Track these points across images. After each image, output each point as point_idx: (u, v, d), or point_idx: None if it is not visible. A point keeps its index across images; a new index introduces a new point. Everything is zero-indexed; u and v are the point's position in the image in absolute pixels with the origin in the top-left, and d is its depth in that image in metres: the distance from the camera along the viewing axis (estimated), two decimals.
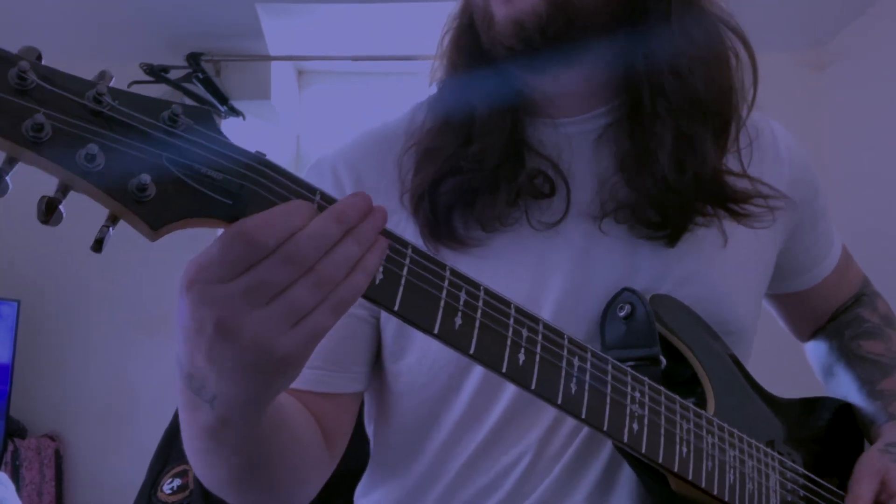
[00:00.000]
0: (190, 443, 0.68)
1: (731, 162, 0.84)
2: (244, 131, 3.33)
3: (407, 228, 0.83)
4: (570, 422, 0.80)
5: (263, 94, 3.27)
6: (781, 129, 0.96)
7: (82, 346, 3.27)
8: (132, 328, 3.26)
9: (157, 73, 3.06)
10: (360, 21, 3.12)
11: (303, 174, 0.90)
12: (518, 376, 0.65)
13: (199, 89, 3.14)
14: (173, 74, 3.11)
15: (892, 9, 2.85)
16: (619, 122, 0.85)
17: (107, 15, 3.00)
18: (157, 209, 0.51)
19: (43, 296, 3.20)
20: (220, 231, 0.54)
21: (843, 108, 3.15)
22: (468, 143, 0.82)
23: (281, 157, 3.58)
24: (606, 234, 0.82)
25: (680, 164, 0.80)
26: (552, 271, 0.82)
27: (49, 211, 0.50)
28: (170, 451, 2.37)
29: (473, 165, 0.81)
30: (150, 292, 3.20)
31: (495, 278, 0.81)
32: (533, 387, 0.65)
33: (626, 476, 0.80)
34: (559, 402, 0.66)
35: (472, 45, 0.84)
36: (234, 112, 3.27)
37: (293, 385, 0.60)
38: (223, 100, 3.21)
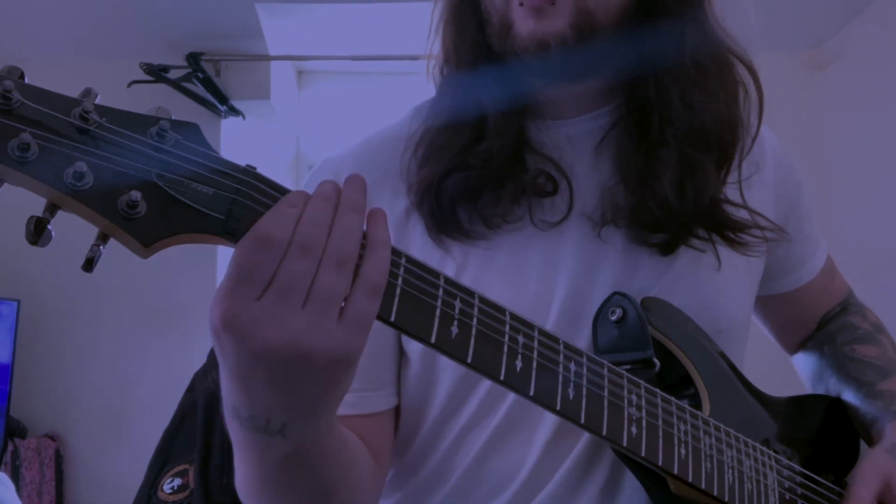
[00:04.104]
0: (260, 490, 0.68)
1: (731, 191, 0.85)
2: (244, 131, 3.34)
3: (417, 226, 0.83)
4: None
5: (263, 94, 3.28)
6: (767, 131, 0.97)
7: (82, 346, 3.27)
8: (132, 328, 3.26)
9: (157, 72, 3.06)
10: (360, 21, 3.12)
11: (305, 178, 0.91)
12: (516, 383, 0.64)
13: (198, 89, 3.15)
14: (173, 74, 3.11)
15: (890, 8, 2.85)
16: (620, 125, 0.86)
17: (107, 15, 3.00)
18: (147, 226, 0.51)
19: (43, 296, 3.20)
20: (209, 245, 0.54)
21: (842, 108, 3.15)
22: (476, 141, 0.82)
23: (281, 156, 3.59)
24: (605, 237, 0.83)
25: (681, 189, 0.81)
26: (559, 270, 0.82)
27: (38, 231, 0.49)
28: (170, 450, 2.37)
29: (481, 163, 0.81)
30: (151, 292, 3.20)
31: (504, 275, 0.81)
32: (531, 393, 0.65)
33: (632, 477, 0.80)
34: (558, 407, 0.66)
35: (475, 33, 0.84)
36: (234, 112, 3.27)
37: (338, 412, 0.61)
38: (223, 100, 3.21)
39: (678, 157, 0.82)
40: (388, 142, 0.88)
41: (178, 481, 2.40)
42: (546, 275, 0.82)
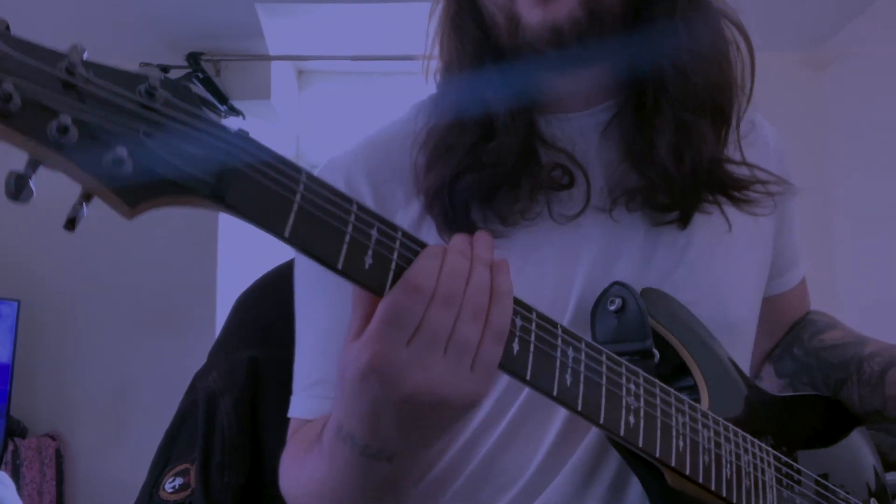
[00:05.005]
0: (336, 498, 0.69)
1: (731, 151, 0.85)
2: None
3: (431, 228, 0.82)
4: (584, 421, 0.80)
5: (263, 94, 3.28)
6: (766, 123, 0.97)
7: (82, 346, 3.27)
8: (132, 328, 3.25)
9: None
10: (360, 21, 3.12)
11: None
12: (513, 367, 0.63)
13: (199, 89, 3.15)
14: (173, 74, 3.11)
15: (891, 8, 2.85)
16: (624, 115, 0.86)
17: (107, 15, 3.00)
18: (134, 186, 0.49)
19: (43, 296, 3.20)
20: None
21: (843, 107, 3.15)
22: (485, 139, 0.81)
23: None
24: (621, 223, 0.83)
25: (679, 155, 0.81)
26: (577, 264, 0.82)
27: (18, 187, 0.46)
28: (171, 449, 2.36)
29: (493, 161, 0.80)
30: (151, 292, 3.20)
31: (521, 272, 0.79)
32: (528, 378, 0.64)
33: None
34: (555, 393, 0.65)
35: (476, 33, 0.83)
36: (234, 112, 3.27)
37: None
38: (223, 100, 3.21)
39: (673, 123, 0.81)
40: (396, 140, 0.86)
41: (179, 480, 2.39)
42: (564, 269, 0.81)
